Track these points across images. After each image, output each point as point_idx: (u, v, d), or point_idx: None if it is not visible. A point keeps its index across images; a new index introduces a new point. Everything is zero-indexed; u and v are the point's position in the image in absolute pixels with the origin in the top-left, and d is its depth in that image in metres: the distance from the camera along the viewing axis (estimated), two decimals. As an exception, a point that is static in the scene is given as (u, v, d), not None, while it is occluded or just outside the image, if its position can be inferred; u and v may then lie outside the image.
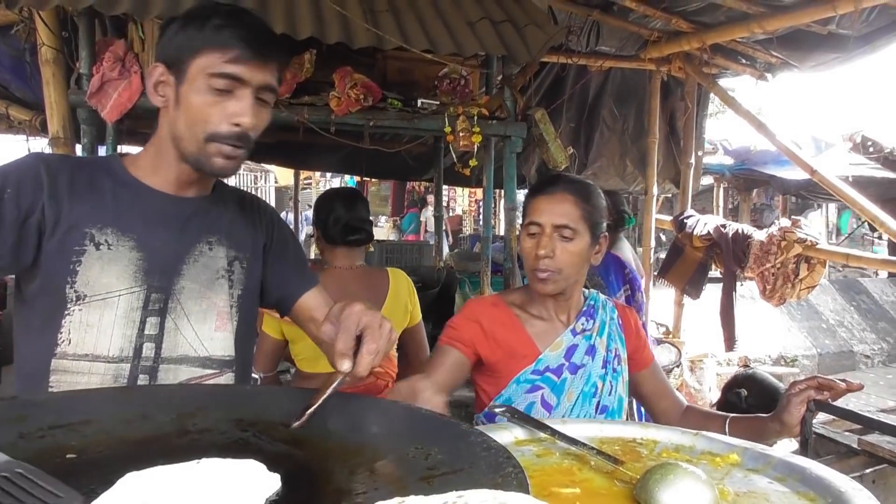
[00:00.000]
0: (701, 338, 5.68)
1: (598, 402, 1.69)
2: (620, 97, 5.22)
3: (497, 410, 1.22)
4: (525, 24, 3.09)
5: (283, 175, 16.58)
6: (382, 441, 0.95)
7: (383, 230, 14.80)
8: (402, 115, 3.03)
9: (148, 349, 1.32)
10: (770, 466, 1.01)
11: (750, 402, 2.50)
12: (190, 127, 1.30)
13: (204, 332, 1.38)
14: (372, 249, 2.62)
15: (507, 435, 1.14)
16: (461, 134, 3.02)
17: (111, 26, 3.40)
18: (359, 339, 1.07)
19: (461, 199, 15.36)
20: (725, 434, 1.36)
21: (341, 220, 2.45)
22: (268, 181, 20.76)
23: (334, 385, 1.03)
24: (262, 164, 14.12)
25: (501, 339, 1.69)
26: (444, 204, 14.42)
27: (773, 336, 7.73)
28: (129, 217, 1.33)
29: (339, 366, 1.04)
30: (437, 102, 3.11)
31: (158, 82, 1.33)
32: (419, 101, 3.09)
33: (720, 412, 1.76)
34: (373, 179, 13.34)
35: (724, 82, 5.16)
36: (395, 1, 3.06)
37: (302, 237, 13.30)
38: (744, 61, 4.62)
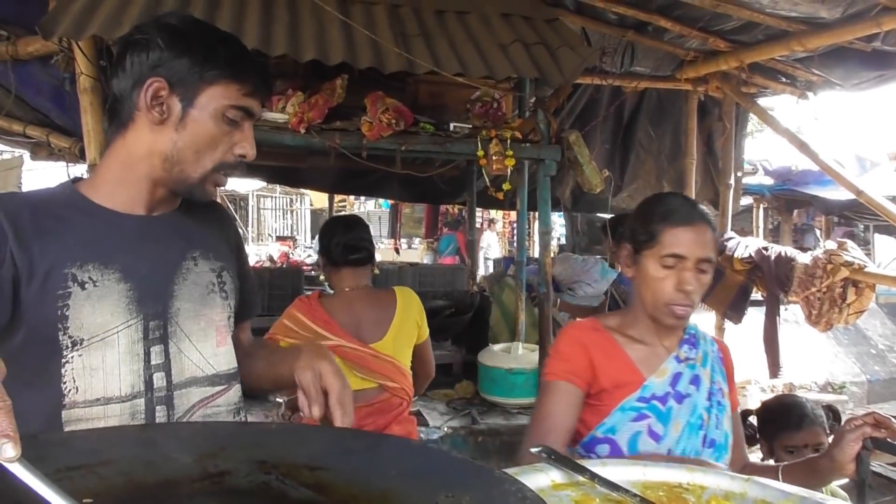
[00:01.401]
0: (743, 364, 5.51)
1: (705, 435, 1.61)
2: (656, 118, 5.14)
3: (533, 451, 1.16)
4: (558, 47, 3.06)
5: (317, 198, 16.74)
6: (411, 487, 0.90)
7: (417, 252, 14.78)
8: (434, 139, 3.00)
9: (159, 379, 1.27)
10: (830, 518, 0.94)
11: (758, 425, 2.42)
12: (197, 154, 1.27)
13: (207, 350, 1.34)
14: (377, 272, 2.67)
15: (543, 478, 1.08)
16: (494, 158, 2.98)
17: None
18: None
19: (498, 223, 15.28)
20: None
21: (342, 241, 2.51)
22: (303, 203, 20.99)
23: None
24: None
25: (606, 366, 1.62)
26: (478, 226, 14.43)
27: (819, 362, 7.49)
28: (107, 248, 1.26)
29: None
30: (470, 126, 3.08)
31: (156, 97, 1.25)
32: (451, 125, 3.06)
33: (771, 464, 1.67)
34: (418, 203, 13.35)
35: (763, 101, 5.05)
36: (427, 25, 3.05)
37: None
38: (784, 80, 4.51)
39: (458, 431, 3.09)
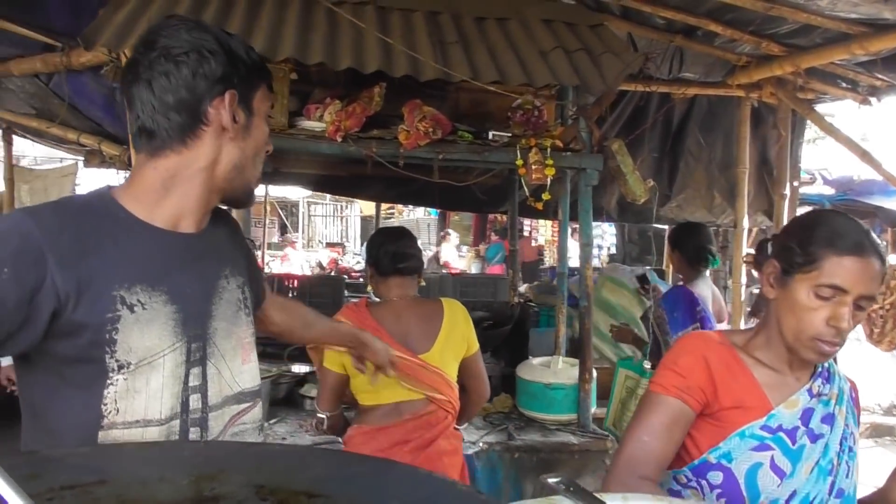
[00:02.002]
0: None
1: (834, 483, 1.46)
2: (707, 125, 4.99)
3: (551, 481, 1.09)
4: (601, 53, 2.98)
5: (367, 205, 16.86)
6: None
7: (464, 260, 14.73)
8: (473, 147, 2.95)
9: (194, 401, 1.26)
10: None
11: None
12: (256, 158, 1.35)
13: (236, 368, 1.34)
14: (423, 283, 2.63)
15: (558, 511, 1.01)
16: (534, 167, 2.91)
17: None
18: None
19: (543, 230, 15.13)
20: None
21: (390, 250, 2.52)
22: (353, 210, 21.17)
23: None
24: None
25: (729, 384, 1.46)
26: (526, 234, 14.28)
27: (883, 383, 7.16)
28: (153, 268, 1.22)
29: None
30: (509, 134, 3.02)
31: (233, 105, 1.29)
32: (490, 134, 3.00)
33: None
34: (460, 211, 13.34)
35: (822, 108, 4.86)
36: (466, 32, 3.01)
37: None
38: (844, 85, 4.33)
39: (494, 447, 3.01)
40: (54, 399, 1.21)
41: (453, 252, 13.06)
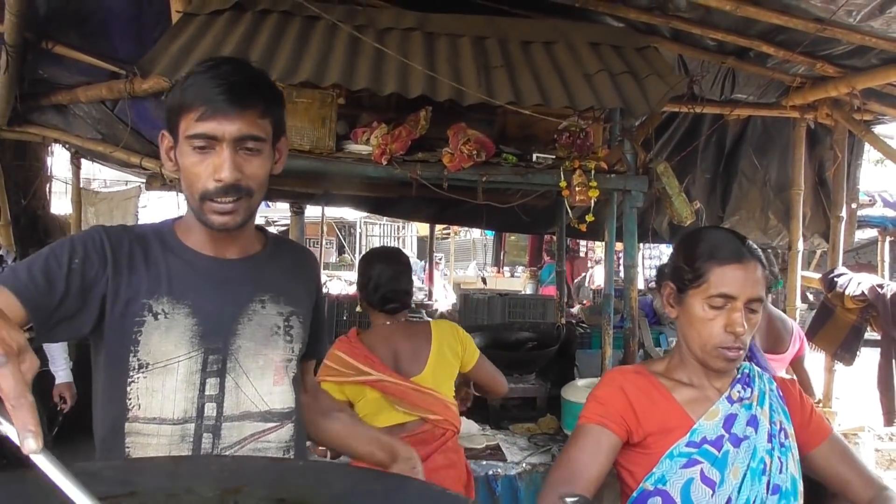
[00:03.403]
0: (856, 409, 5.13)
1: (769, 481, 1.50)
2: (761, 146, 4.90)
3: (569, 501, 1.10)
4: (646, 75, 2.98)
5: (423, 226, 16.99)
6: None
7: (520, 280, 14.69)
8: (516, 169, 2.98)
9: (209, 409, 1.36)
10: None
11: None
12: (188, 188, 1.36)
13: (263, 388, 1.41)
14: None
15: (572, 532, 1.02)
16: (577, 188, 2.91)
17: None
18: None
19: (599, 250, 15.00)
20: None
21: (380, 289, 2.56)
22: (410, 230, 21.35)
23: None
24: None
25: (649, 411, 1.54)
26: (582, 254, 14.17)
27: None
28: (181, 285, 1.38)
29: None
30: (553, 157, 3.03)
31: (169, 148, 1.38)
32: (534, 156, 3.02)
33: None
34: (508, 232, 13.33)
35: (883, 128, 4.73)
36: (511, 56, 3.05)
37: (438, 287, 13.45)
38: (903, 106, 4.22)
39: (538, 468, 3.00)
40: (98, 390, 1.42)
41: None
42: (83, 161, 5.80)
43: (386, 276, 2.56)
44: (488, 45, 3.14)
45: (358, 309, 2.77)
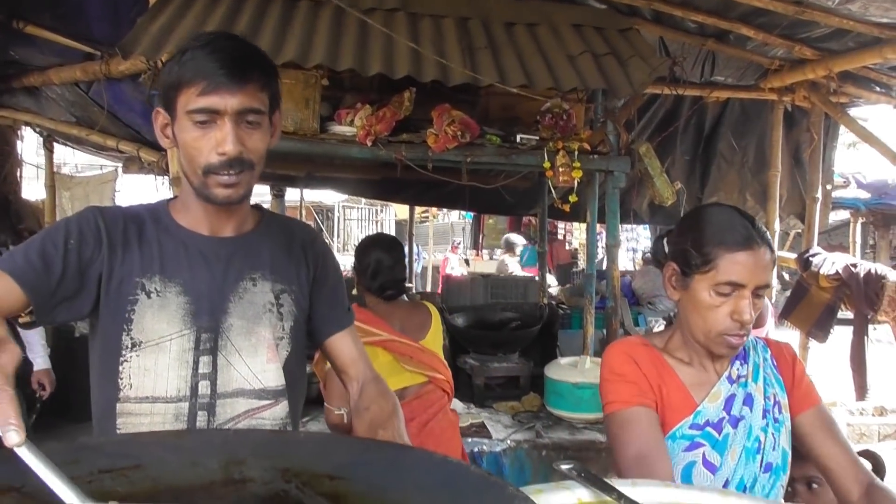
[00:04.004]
0: (829, 385, 5.23)
1: (762, 460, 1.46)
2: (739, 128, 4.96)
3: (563, 468, 1.12)
4: (629, 57, 3.00)
5: (401, 209, 16.96)
6: (425, 500, 0.89)
7: (497, 263, 14.74)
8: (500, 150, 2.99)
9: (203, 387, 1.36)
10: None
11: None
12: (189, 163, 1.34)
13: (256, 366, 1.41)
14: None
15: (570, 496, 1.05)
16: (561, 169, 2.94)
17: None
18: None
19: (578, 233, 15.07)
20: None
21: (378, 278, 2.60)
22: (388, 214, 21.29)
23: None
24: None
25: (657, 387, 1.48)
26: (560, 237, 14.24)
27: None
28: (173, 264, 1.39)
29: None
30: (537, 138, 3.05)
31: (164, 125, 1.37)
32: (518, 137, 3.04)
33: None
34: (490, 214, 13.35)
35: (858, 111, 4.80)
36: (495, 37, 3.05)
37: (418, 269, 13.47)
38: (878, 89, 4.28)
39: (522, 445, 3.05)
40: (93, 370, 1.42)
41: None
42: (55, 145, 5.70)
43: (384, 264, 2.60)
44: (472, 27, 3.14)
45: (354, 291, 2.77)
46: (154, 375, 1.34)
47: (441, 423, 2.56)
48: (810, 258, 4.36)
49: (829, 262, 4.23)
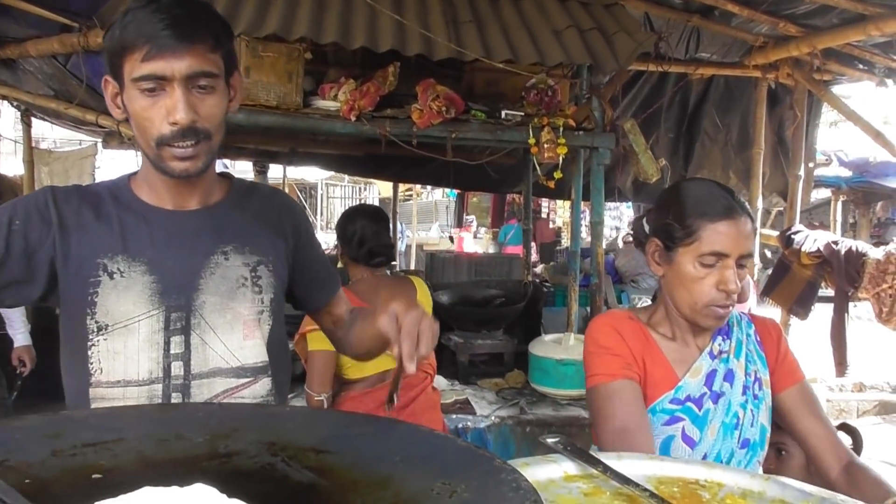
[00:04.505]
0: (810, 361, 5.30)
1: (740, 435, 1.49)
2: (724, 106, 4.97)
3: (549, 441, 1.13)
4: (614, 32, 2.99)
5: (385, 186, 16.89)
6: (411, 473, 0.89)
7: (482, 241, 14.77)
8: (485, 126, 2.98)
9: (176, 368, 1.31)
10: (850, 524, 0.89)
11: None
12: (141, 135, 1.26)
13: (233, 343, 1.35)
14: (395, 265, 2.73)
15: (556, 469, 1.05)
16: (546, 146, 2.93)
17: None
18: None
19: (561, 211, 15.12)
20: None
21: (365, 244, 2.56)
22: (372, 192, 21.22)
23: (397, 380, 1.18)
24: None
25: (641, 360, 1.49)
26: (544, 216, 14.28)
27: (893, 361, 7.15)
28: (136, 242, 1.32)
29: (408, 369, 1.13)
30: (522, 114, 3.03)
31: (114, 95, 1.28)
32: (503, 113, 3.02)
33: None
34: (475, 191, 13.33)
35: (841, 89, 4.83)
36: (480, 11, 3.03)
37: (402, 247, 13.46)
38: (861, 66, 4.30)
39: (506, 421, 3.07)
40: (63, 355, 1.36)
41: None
42: (33, 120, 5.61)
43: (370, 231, 2.57)
44: (456, 0, 3.11)
45: (339, 265, 2.74)
46: (124, 359, 1.29)
47: (422, 404, 2.54)
48: (792, 236, 4.39)
49: (811, 240, 4.27)
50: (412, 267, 12.06)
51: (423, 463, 0.92)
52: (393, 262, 2.73)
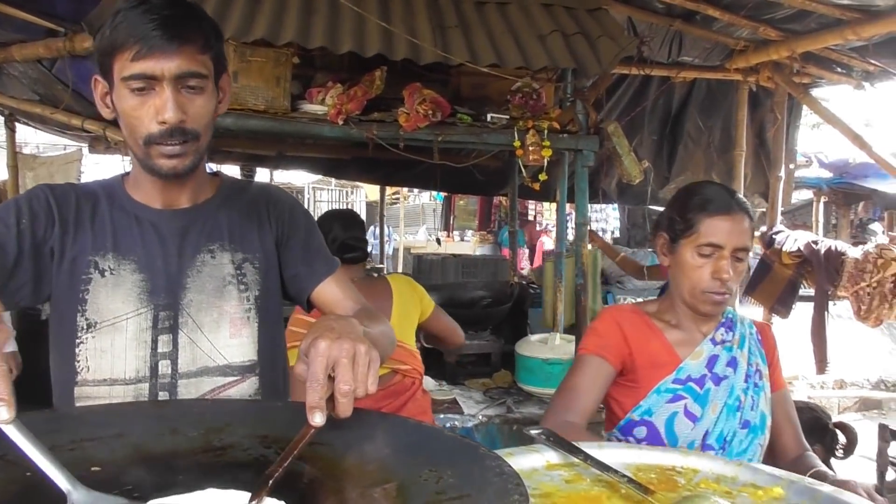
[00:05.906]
0: (791, 359, 5.38)
1: (741, 417, 1.65)
2: (706, 109, 5.04)
3: (533, 432, 1.18)
4: (598, 36, 3.04)
5: (372, 190, 16.89)
6: (400, 462, 0.93)
7: (469, 244, 14.81)
8: (471, 129, 3.02)
9: (164, 366, 1.32)
10: (816, 502, 0.93)
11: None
12: (130, 134, 1.27)
13: (220, 342, 1.36)
14: (369, 268, 2.73)
15: (538, 458, 1.10)
16: (531, 148, 2.98)
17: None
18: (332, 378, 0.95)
19: (548, 214, 15.18)
20: None
21: (338, 239, 2.55)
22: (358, 196, 21.21)
23: (304, 440, 0.92)
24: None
25: (643, 347, 1.67)
26: (531, 218, 14.33)
27: (872, 358, 7.25)
28: (127, 240, 1.34)
29: (311, 420, 0.92)
30: (507, 117, 3.08)
31: (104, 94, 1.30)
32: (489, 116, 3.07)
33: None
34: (461, 194, 13.36)
35: (820, 92, 4.90)
36: (466, 16, 3.07)
37: (390, 251, 13.47)
38: (839, 70, 4.38)
39: (493, 420, 3.11)
40: (51, 353, 1.37)
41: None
42: (17, 125, 5.58)
43: (343, 228, 2.59)
44: (442, 5, 3.15)
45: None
46: (111, 357, 1.30)
47: (410, 410, 2.54)
48: (773, 236, 4.46)
49: (792, 240, 4.34)
50: (399, 270, 12.10)
51: (412, 453, 0.95)
52: (368, 260, 2.74)
